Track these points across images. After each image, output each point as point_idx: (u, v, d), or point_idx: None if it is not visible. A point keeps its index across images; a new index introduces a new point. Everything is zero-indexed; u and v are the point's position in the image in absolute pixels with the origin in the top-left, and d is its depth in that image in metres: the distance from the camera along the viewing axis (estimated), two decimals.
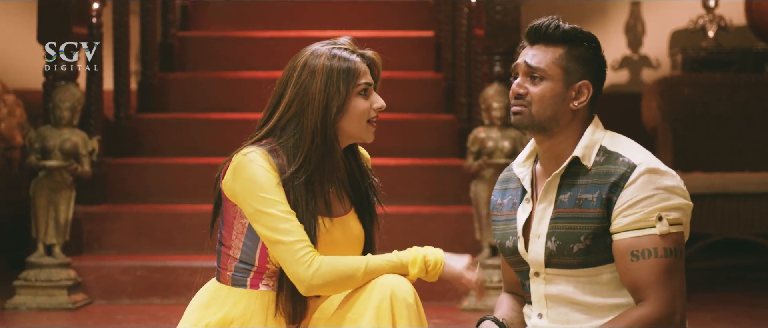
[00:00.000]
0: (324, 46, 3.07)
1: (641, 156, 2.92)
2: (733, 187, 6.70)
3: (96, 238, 6.41)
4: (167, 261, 6.13)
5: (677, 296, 2.85)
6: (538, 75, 2.98)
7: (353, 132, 3.06)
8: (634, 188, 2.87)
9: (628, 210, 2.87)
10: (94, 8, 6.47)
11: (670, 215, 2.85)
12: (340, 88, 3.02)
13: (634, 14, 8.09)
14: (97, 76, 6.65)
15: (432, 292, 5.69)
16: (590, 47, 3.00)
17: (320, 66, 3.03)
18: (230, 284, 3.04)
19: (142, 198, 6.80)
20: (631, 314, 2.86)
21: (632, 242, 2.86)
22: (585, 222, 2.92)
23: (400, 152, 6.98)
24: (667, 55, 8.05)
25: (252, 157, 2.98)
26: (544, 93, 2.97)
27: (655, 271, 2.84)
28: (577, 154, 2.95)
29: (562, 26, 3.00)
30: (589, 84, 2.97)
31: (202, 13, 8.26)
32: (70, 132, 5.90)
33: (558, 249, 2.95)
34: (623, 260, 2.88)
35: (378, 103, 3.07)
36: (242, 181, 2.97)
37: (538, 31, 3.01)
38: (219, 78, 7.72)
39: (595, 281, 2.94)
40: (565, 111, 2.97)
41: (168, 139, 7.24)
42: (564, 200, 2.95)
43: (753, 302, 6.23)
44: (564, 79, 2.97)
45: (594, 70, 2.99)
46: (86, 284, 6.02)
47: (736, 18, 7.89)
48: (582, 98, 2.97)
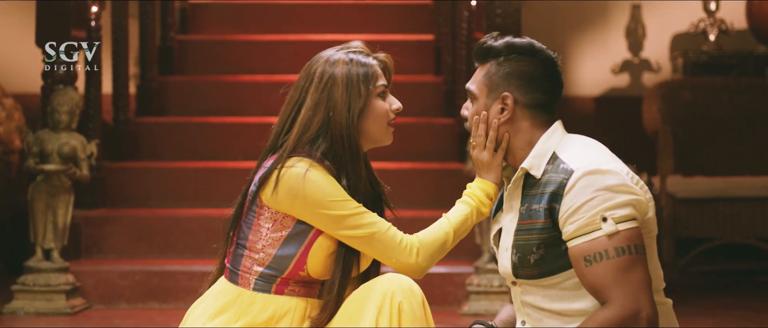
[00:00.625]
0: (338, 52, 3.09)
1: (582, 159, 2.90)
2: (734, 191, 6.68)
3: (94, 242, 6.40)
4: (166, 266, 6.11)
5: (640, 292, 2.81)
6: (471, 95, 3.03)
7: (375, 134, 3.09)
8: (573, 193, 2.86)
9: (572, 216, 2.85)
10: (92, 11, 6.45)
11: (615, 213, 2.83)
12: (360, 92, 3.04)
13: (634, 17, 8.07)
14: (95, 79, 6.64)
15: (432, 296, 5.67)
16: (520, 58, 2.98)
17: (340, 71, 3.05)
18: (252, 288, 3.04)
19: (140, 202, 6.79)
20: (595, 318, 2.83)
21: (582, 247, 2.84)
22: (536, 233, 2.91)
23: (400, 156, 6.96)
24: (668, 58, 8.03)
25: (303, 168, 2.98)
26: (474, 113, 3.02)
27: (611, 272, 2.81)
28: (525, 165, 2.96)
29: (490, 43, 3.01)
30: (510, 95, 2.96)
31: (201, 16, 8.24)
32: (68, 136, 5.89)
33: (519, 261, 2.95)
34: (579, 266, 2.86)
35: (396, 104, 3.11)
36: (306, 193, 2.97)
37: (475, 51, 3.04)
38: (218, 81, 7.70)
39: (560, 287, 2.93)
40: (496, 126, 2.98)
41: (167, 143, 7.22)
42: (523, 211, 2.96)
43: (755, 307, 6.20)
44: (488, 96, 2.99)
45: (520, 81, 2.97)
46: (84, 288, 6.00)
47: (737, 21, 7.87)
48: (505, 111, 2.97)
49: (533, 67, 2.98)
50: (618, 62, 8.06)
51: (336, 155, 3.03)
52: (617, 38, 8.08)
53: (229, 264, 3.08)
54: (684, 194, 6.64)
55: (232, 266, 3.07)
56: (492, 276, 5.76)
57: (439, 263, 3.29)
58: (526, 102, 2.97)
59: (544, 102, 2.98)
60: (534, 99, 2.97)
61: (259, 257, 3.03)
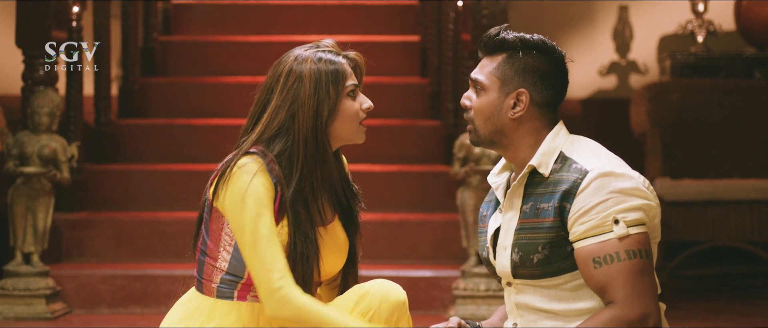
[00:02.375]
0: (307, 50, 3.03)
1: (595, 161, 2.87)
2: (723, 194, 6.67)
3: (75, 246, 6.36)
4: (148, 270, 6.07)
5: (649, 297, 2.79)
6: (479, 86, 2.97)
7: (345, 135, 3.02)
8: (587, 194, 2.82)
9: (583, 217, 2.82)
10: (73, 11, 6.40)
11: (627, 216, 2.80)
12: (329, 92, 2.97)
13: (622, 19, 8.05)
14: (77, 81, 6.60)
15: (417, 300, 5.62)
16: (535, 54, 2.95)
17: (307, 70, 2.99)
18: (215, 296, 2.98)
19: (122, 205, 6.74)
20: (601, 316, 2.79)
21: (592, 249, 2.81)
22: (542, 232, 2.87)
23: (385, 159, 6.93)
24: (656, 60, 8.01)
25: (247, 170, 2.92)
26: (482, 105, 2.96)
27: (621, 274, 2.78)
28: (533, 163, 2.92)
29: (503, 35, 2.97)
30: (526, 92, 2.93)
31: (184, 16, 8.21)
32: (48, 138, 5.83)
33: (521, 260, 2.91)
34: (586, 267, 2.83)
35: (366, 103, 3.04)
36: (233, 193, 2.90)
37: (483, 41, 2.99)
38: (201, 83, 7.68)
39: (560, 289, 2.89)
40: (506, 122, 2.94)
41: (149, 146, 7.18)
42: (526, 210, 2.92)
43: (744, 311, 6.19)
44: (501, 89, 2.95)
45: (535, 77, 2.93)
46: (65, 293, 5.95)
47: (725, 23, 7.85)
48: (519, 107, 2.93)
49: (547, 65, 2.96)
50: (605, 64, 8.04)
51: (293, 157, 2.96)
52: (604, 40, 8.06)
53: (195, 272, 3.03)
54: (672, 196, 6.63)
55: (198, 274, 3.02)
56: (478, 280, 5.71)
57: (425, 266, 3.26)
58: (539, 100, 2.94)
59: (554, 101, 2.96)
60: (547, 97, 2.95)
61: (219, 262, 2.97)
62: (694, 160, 7.06)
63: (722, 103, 7.20)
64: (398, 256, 6.16)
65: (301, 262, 2.95)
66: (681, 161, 7.00)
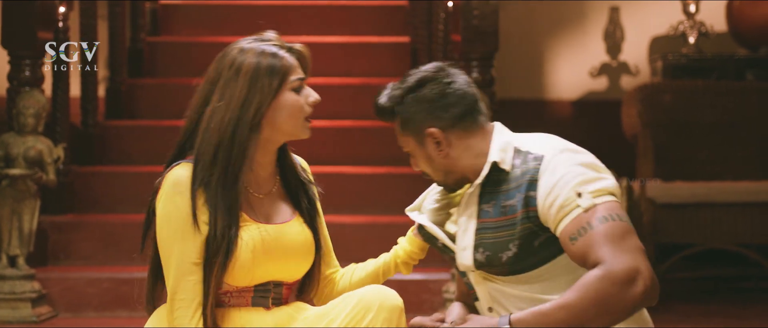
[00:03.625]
0: (250, 43, 2.95)
1: (549, 145, 2.86)
2: (715, 196, 6.66)
3: (61, 249, 6.31)
4: (135, 273, 6.00)
5: (635, 253, 2.69)
6: (408, 153, 2.98)
7: (289, 129, 2.94)
8: (549, 173, 2.80)
9: (550, 195, 2.78)
10: (60, 12, 6.36)
11: (588, 187, 2.76)
12: (265, 86, 2.90)
13: (613, 20, 8.03)
14: (63, 82, 6.56)
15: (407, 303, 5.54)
16: (412, 97, 2.92)
17: (247, 64, 2.91)
18: None
19: (109, 207, 6.68)
20: (587, 278, 2.69)
21: (567, 230, 2.76)
22: (511, 229, 2.83)
23: (375, 161, 6.89)
24: (647, 61, 8.00)
25: (176, 177, 2.92)
26: (420, 165, 2.97)
27: (599, 238, 2.70)
28: (495, 158, 2.88)
29: (379, 103, 2.97)
30: (433, 129, 2.91)
31: (172, 17, 8.17)
32: (34, 139, 5.79)
33: (488, 259, 2.87)
34: (567, 249, 2.77)
35: (312, 96, 2.96)
36: (160, 210, 2.91)
37: (376, 114, 3.00)
38: (189, 84, 7.47)
39: (531, 282, 2.86)
40: (446, 162, 2.93)
41: (137, 147, 7.12)
42: (488, 209, 2.88)
43: (736, 314, 6.18)
44: (418, 143, 2.94)
45: (428, 113, 2.91)
46: (51, 296, 5.89)
47: (717, 24, 7.84)
48: (442, 144, 2.91)
49: (426, 96, 2.92)
50: (596, 65, 8.03)
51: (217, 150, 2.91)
52: (595, 41, 8.05)
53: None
54: (664, 199, 6.61)
55: None
56: None
57: (415, 269, 3.25)
58: (449, 125, 2.91)
59: (462, 114, 2.92)
60: (451, 117, 2.91)
61: None
62: (686, 162, 7.05)
63: (714, 104, 7.19)
64: None
65: (221, 254, 2.89)
66: (673, 163, 6.99)
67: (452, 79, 2.93)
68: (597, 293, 2.66)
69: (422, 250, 3.15)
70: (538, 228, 2.82)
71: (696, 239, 6.69)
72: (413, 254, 3.15)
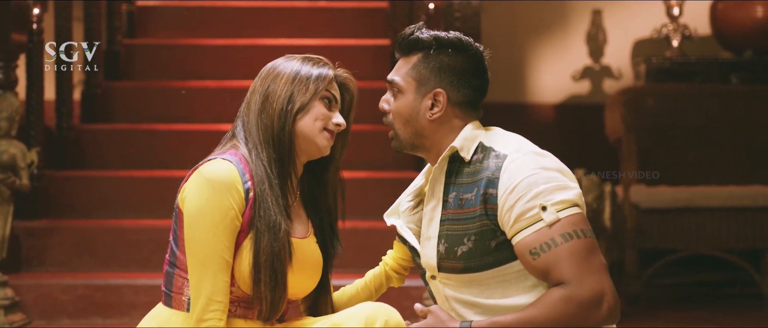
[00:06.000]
0: (297, 57, 2.96)
1: (514, 146, 2.83)
2: (700, 201, 6.66)
3: (35, 255, 6.23)
4: (110, 279, 5.97)
5: (600, 274, 2.69)
6: (396, 88, 2.92)
7: (309, 132, 2.90)
8: (510, 172, 2.76)
9: (511, 196, 2.75)
10: (34, 13, 6.28)
11: (552, 198, 2.73)
12: (308, 87, 2.88)
13: (595, 23, 8.01)
14: (37, 84, 6.48)
15: None
16: (451, 53, 2.88)
17: (288, 69, 2.91)
18: (186, 309, 2.84)
19: (84, 213, 6.61)
20: (551, 296, 2.68)
21: (527, 241, 2.73)
22: (467, 223, 2.81)
23: (355, 165, 6.84)
24: (630, 65, 7.97)
25: (214, 180, 2.80)
26: (399, 108, 2.91)
27: (563, 257, 2.69)
28: (455, 144, 2.85)
29: (417, 34, 2.91)
30: (443, 91, 2.87)
31: (149, 19, 8.11)
32: (7, 143, 5.71)
33: (446, 252, 2.85)
34: (526, 261, 2.75)
35: (338, 119, 2.94)
36: (192, 204, 2.80)
37: (398, 41, 2.94)
38: (166, 87, 7.58)
39: (485, 286, 2.82)
40: (425, 123, 2.89)
41: (113, 151, 7.06)
42: (450, 200, 2.86)
43: (720, 319, 6.16)
44: (417, 90, 2.89)
45: (451, 76, 2.88)
46: (24, 303, 5.82)
47: (700, 27, 7.82)
48: (437, 108, 2.88)
49: (464, 63, 2.89)
50: (578, 69, 8.00)
51: (259, 147, 2.86)
52: (578, 44, 8.02)
53: (163, 286, 2.89)
54: (648, 204, 6.60)
55: (166, 287, 2.89)
56: None
57: None
58: (457, 99, 2.89)
59: (474, 99, 2.91)
60: (465, 96, 2.89)
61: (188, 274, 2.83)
62: (670, 166, 7.03)
63: (698, 108, 7.17)
64: (368, 265, 6.05)
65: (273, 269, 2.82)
66: (657, 167, 6.97)
67: (486, 67, 2.93)
68: (560, 315, 2.67)
69: (409, 255, 3.09)
70: (495, 227, 2.79)
71: (680, 245, 6.70)
72: (401, 259, 3.13)
